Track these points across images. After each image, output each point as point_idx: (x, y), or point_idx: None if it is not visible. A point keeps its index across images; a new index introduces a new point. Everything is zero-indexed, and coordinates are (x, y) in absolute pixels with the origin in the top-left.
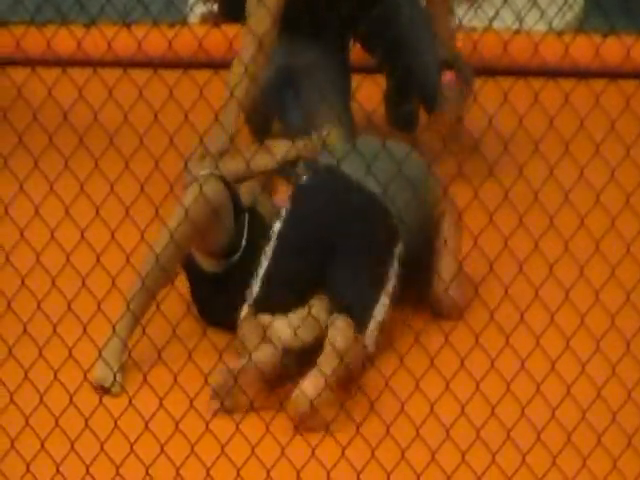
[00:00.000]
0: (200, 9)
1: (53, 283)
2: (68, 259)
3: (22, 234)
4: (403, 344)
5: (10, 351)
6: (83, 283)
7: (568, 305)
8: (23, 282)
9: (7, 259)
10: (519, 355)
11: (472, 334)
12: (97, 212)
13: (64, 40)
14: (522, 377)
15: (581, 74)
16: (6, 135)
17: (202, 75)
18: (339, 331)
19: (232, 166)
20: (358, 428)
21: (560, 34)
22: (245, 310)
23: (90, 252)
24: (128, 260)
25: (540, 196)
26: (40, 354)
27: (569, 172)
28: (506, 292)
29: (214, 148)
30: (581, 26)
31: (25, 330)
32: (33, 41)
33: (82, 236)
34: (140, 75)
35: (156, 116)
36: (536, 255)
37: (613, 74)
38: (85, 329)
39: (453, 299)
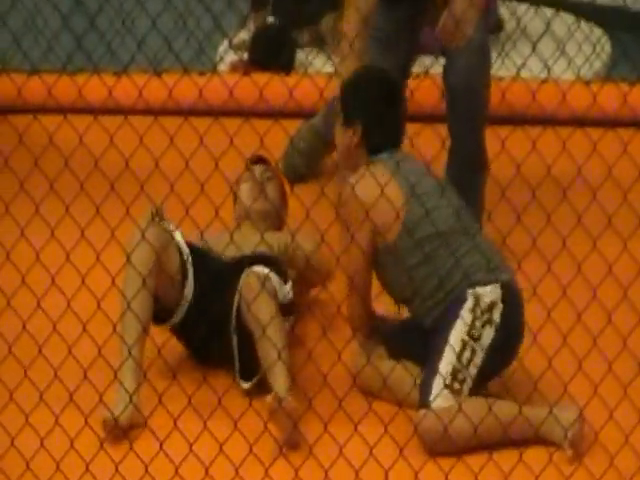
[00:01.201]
0: (230, 57)
1: (54, 328)
2: (69, 304)
3: (23, 279)
4: None
5: (11, 396)
6: (84, 329)
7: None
8: (24, 326)
9: (8, 304)
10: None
11: None
12: (97, 258)
13: (95, 88)
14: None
15: (609, 122)
16: (37, 180)
17: (232, 123)
18: None
19: None
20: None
21: (588, 83)
22: None
23: (90, 297)
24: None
25: (568, 242)
26: (41, 398)
27: (597, 218)
28: (535, 339)
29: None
30: (609, 74)
31: (26, 374)
32: (64, 89)
33: (82, 282)
34: (171, 122)
35: (187, 164)
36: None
37: None
38: (86, 374)
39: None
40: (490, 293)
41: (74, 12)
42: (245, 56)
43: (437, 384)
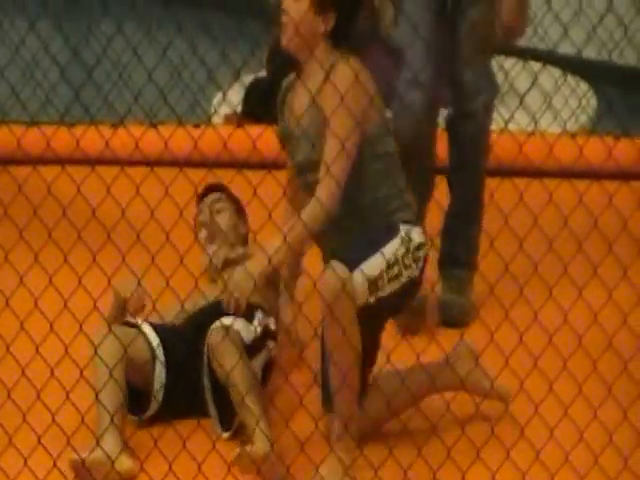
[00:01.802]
0: (224, 110)
1: (52, 374)
2: (67, 351)
3: (22, 325)
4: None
5: (10, 440)
6: (81, 373)
7: None
8: (23, 372)
9: (7, 350)
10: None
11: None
12: (94, 305)
13: (93, 139)
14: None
15: (594, 175)
16: (36, 229)
17: (226, 174)
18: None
19: None
20: None
21: (574, 135)
22: None
23: (88, 344)
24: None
25: (554, 292)
26: (39, 441)
27: (583, 269)
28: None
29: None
30: (594, 128)
31: (24, 419)
32: (63, 140)
33: (80, 328)
34: (166, 173)
35: (181, 213)
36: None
37: (626, 175)
38: (83, 418)
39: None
40: (421, 234)
41: (72, 65)
42: (239, 109)
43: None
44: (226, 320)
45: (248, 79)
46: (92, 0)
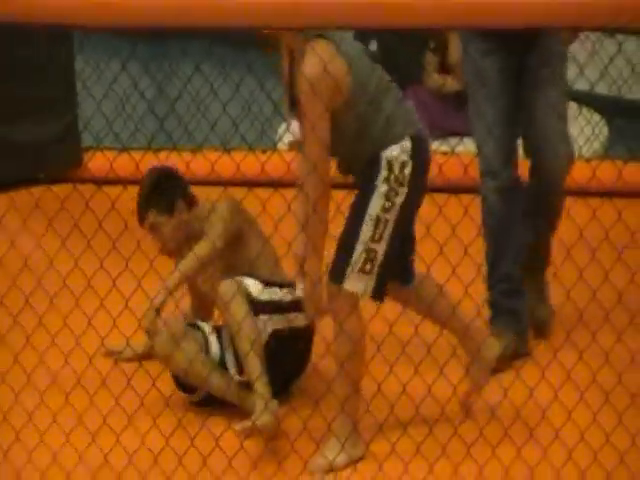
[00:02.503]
0: (288, 138)
1: (42, 399)
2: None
3: (16, 359)
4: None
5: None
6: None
7: None
8: (16, 398)
9: (2, 380)
10: None
11: None
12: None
13: (175, 163)
14: None
15: (607, 194)
16: (126, 240)
17: (289, 192)
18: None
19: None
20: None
21: (588, 160)
22: None
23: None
24: (129, 383)
25: (556, 312)
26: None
27: (596, 275)
28: None
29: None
30: (606, 153)
31: (27, 460)
32: (149, 164)
33: (65, 359)
34: (237, 192)
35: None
36: None
37: (635, 194)
38: (142, 402)
39: None
40: (401, 153)
41: (157, 99)
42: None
43: (350, 268)
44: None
45: None
46: (174, 45)
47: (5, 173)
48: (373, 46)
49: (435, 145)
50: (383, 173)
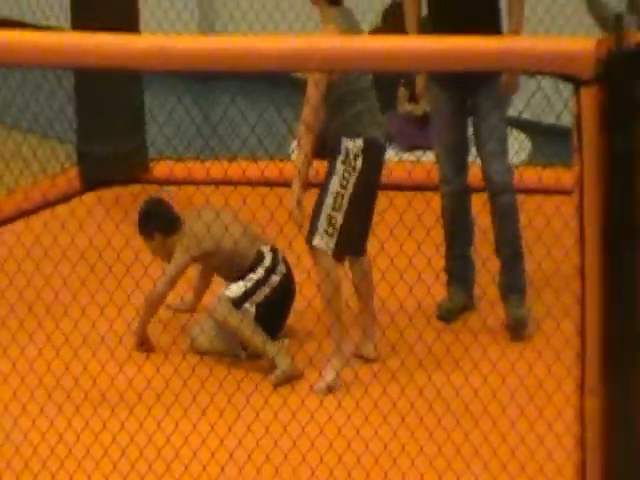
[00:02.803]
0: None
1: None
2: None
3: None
4: None
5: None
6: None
7: None
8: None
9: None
10: None
11: None
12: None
13: (216, 169)
14: None
15: (529, 192)
16: None
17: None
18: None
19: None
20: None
21: (517, 167)
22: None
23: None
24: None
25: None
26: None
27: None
28: None
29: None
30: (530, 162)
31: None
32: (199, 171)
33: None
34: (261, 191)
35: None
36: None
37: (549, 191)
38: (167, 384)
39: None
40: (354, 147)
41: (203, 123)
42: None
43: (317, 229)
44: (224, 292)
45: None
46: (215, 82)
47: (94, 176)
48: None
49: (406, 155)
50: (341, 157)
